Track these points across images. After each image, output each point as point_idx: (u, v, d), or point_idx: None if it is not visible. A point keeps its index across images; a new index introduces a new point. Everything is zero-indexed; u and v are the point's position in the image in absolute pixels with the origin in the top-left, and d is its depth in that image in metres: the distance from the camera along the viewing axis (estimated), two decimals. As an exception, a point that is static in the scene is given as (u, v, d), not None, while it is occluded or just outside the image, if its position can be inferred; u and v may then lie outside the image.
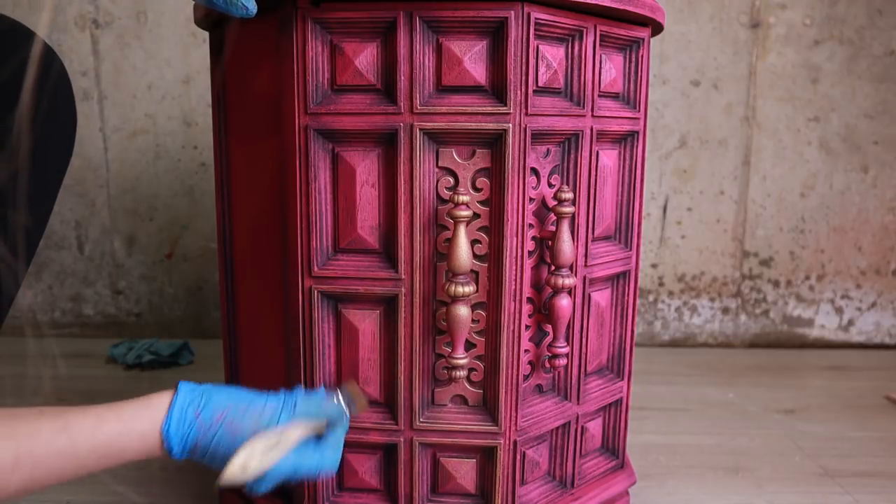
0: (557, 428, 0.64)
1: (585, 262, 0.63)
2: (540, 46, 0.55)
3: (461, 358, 0.56)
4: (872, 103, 1.32)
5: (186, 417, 0.49)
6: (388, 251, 0.58)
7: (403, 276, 0.57)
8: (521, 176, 0.56)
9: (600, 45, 0.60)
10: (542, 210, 0.60)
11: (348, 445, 0.62)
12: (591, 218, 0.63)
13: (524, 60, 0.54)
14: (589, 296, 0.65)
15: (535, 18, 0.54)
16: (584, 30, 0.58)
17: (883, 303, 1.39)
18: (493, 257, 0.57)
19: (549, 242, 0.59)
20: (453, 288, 0.55)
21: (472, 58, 0.54)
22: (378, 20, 0.54)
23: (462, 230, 0.54)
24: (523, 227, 0.57)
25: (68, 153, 0.54)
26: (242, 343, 0.72)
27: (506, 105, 0.54)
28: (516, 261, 0.57)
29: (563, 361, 0.61)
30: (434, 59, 0.55)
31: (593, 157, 0.62)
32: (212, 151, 1.10)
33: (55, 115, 0.52)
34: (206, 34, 1.28)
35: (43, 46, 0.50)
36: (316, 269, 0.58)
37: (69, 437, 0.46)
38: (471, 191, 0.57)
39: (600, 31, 0.60)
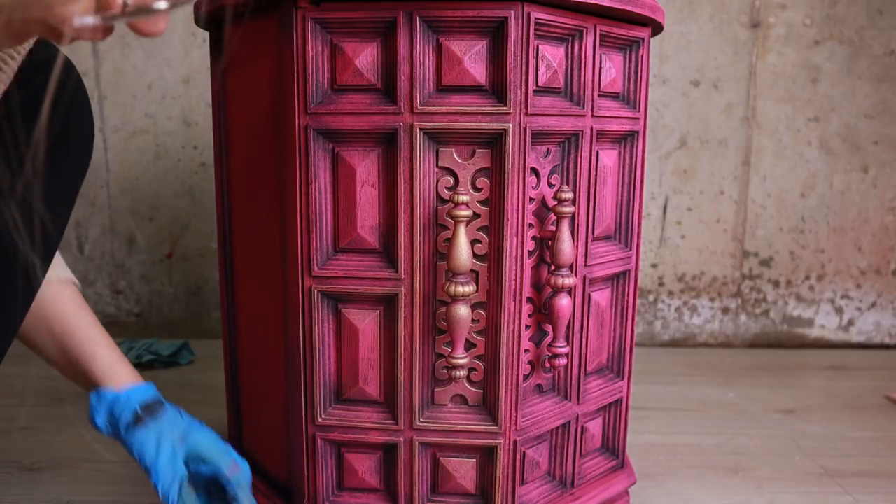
0: (557, 428, 0.64)
1: (585, 261, 0.63)
2: (540, 46, 0.56)
3: (461, 358, 0.56)
4: (872, 103, 1.32)
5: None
6: (388, 251, 0.58)
7: (403, 276, 0.57)
8: (521, 176, 0.56)
9: (600, 45, 0.60)
10: (542, 210, 0.60)
11: (349, 445, 0.62)
12: (591, 218, 0.63)
13: (524, 60, 0.54)
14: (589, 296, 0.65)
15: (535, 18, 0.54)
16: (584, 30, 0.58)
17: (883, 303, 1.39)
18: (493, 257, 0.57)
19: (549, 242, 0.59)
20: (453, 288, 0.55)
21: (472, 58, 0.54)
22: (378, 20, 0.54)
23: (462, 230, 0.54)
24: (523, 226, 0.57)
25: (85, 164, 0.57)
26: (242, 343, 0.72)
27: (506, 105, 0.54)
28: (516, 261, 0.57)
29: (563, 361, 0.61)
30: (434, 58, 0.55)
31: (593, 157, 0.62)
32: (212, 151, 1.10)
33: (73, 129, 0.54)
34: (206, 34, 1.29)
35: (64, 62, 0.53)
36: (316, 268, 0.58)
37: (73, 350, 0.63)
38: (471, 191, 0.57)
39: (600, 30, 0.60)
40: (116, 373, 0.63)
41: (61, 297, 0.63)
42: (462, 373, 0.57)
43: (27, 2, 0.31)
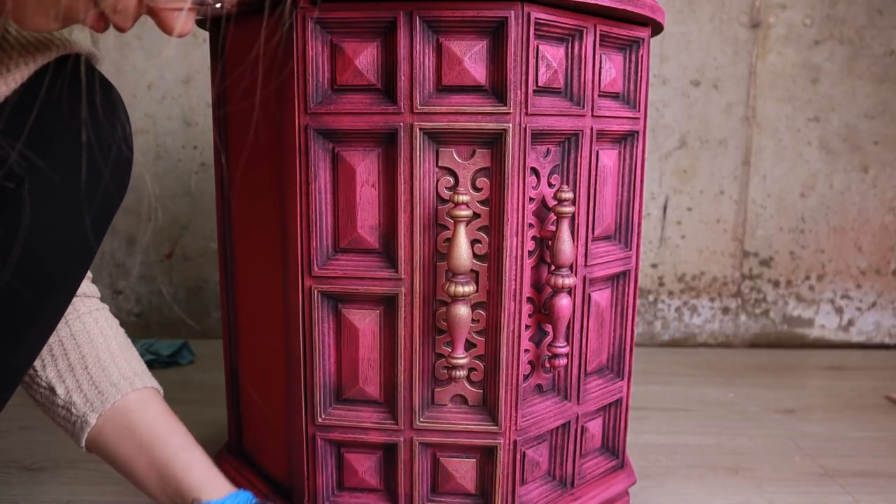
0: (557, 428, 0.64)
1: (585, 261, 0.63)
2: (540, 46, 0.56)
3: (461, 358, 0.56)
4: (872, 103, 1.32)
5: None
6: (388, 251, 0.58)
7: (403, 276, 0.57)
8: (521, 176, 0.56)
9: (600, 44, 0.60)
10: (542, 210, 0.60)
11: (349, 445, 0.62)
12: (591, 218, 0.63)
13: (524, 60, 0.54)
14: (589, 296, 0.65)
15: (535, 18, 0.54)
16: (584, 30, 0.58)
17: (883, 303, 1.39)
18: (493, 257, 0.57)
19: (549, 242, 0.59)
20: (453, 288, 0.55)
21: (472, 58, 0.54)
22: (378, 20, 0.54)
23: (462, 230, 0.54)
24: (523, 226, 0.57)
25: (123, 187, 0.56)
26: (242, 343, 0.72)
27: (506, 105, 0.54)
28: (516, 261, 0.57)
29: (563, 361, 0.61)
30: (434, 58, 0.55)
31: (593, 157, 0.62)
32: (212, 151, 1.10)
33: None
34: (206, 34, 1.28)
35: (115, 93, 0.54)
36: (316, 268, 0.58)
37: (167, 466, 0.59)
38: (471, 191, 0.57)
39: (600, 30, 0.60)
40: (214, 483, 0.59)
41: (145, 404, 0.61)
42: (462, 373, 0.57)
43: None
